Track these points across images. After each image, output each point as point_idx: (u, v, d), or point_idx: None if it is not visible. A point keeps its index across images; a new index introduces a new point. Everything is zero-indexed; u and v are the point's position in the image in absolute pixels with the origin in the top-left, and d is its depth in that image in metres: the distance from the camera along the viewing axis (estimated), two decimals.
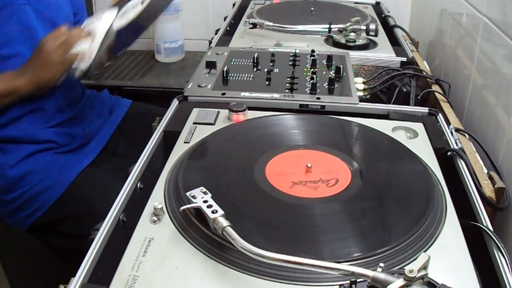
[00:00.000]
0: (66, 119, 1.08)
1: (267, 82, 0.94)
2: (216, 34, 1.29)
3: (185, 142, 0.75)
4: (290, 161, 0.69)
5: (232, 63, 1.03)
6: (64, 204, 0.99)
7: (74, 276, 0.51)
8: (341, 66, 0.97)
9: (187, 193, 0.56)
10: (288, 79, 0.95)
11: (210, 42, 1.23)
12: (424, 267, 0.44)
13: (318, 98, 0.88)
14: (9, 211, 1.02)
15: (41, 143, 1.02)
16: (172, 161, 0.71)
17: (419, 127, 0.81)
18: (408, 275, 0.42)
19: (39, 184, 0.99)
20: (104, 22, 0.91)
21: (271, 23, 1.23)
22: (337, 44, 1.15)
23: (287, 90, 0.91)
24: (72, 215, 0.99)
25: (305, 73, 0.98)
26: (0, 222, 1.11)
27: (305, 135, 0.78)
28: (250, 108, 0.83)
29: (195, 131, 0.78)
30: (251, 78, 0.96)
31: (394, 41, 1.23)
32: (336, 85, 0.93)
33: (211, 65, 0.99)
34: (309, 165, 0.66)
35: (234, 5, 1.54)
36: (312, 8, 1.39)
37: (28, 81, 0.94)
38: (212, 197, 0.55)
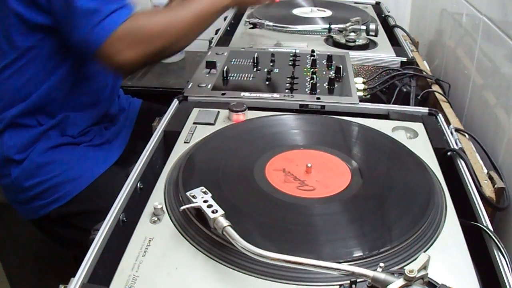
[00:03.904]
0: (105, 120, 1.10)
1: (267, 82, 0.94)
2: (216, 34, 1.29)
3: (185, 142, 0.75)
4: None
5: (232, 63, 1.03)
6: (86, 198, 0.99)
7: (74, 276, 0.51)
8: (341, 66, 0.97)
9: (187, 193, 0.56)
10: (288, 79, 0.95)
11: (210, 42, 1.23)
12: (424, 267, 0.44)
13: (318, 98, 0.88)
14: (24, 198, 1.02)
15: (78, 136, 1.04)
16: (172, 161, 0.71)
17: (419, 127, 0.81)
18: (408, 275, 0.42)
19: (62, 175, 0.99)
20: None
21: (271, 23, 1.23)
22: (337, 44, 1.15)
23: (287, 90, 0.91)
24: (91, 210, 0.98)
25: (305, 73, 0.98)
26: (0, 222, 1.11)
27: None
28: (250, 108, 0.83)
29: (195, 131, 0.78)
30: (251, 78, 0.96)
31: (394, 41, 1.23)
32: (336, 85, 0.93)
33: (211, 65, 0.99)
34: (309, 165, 0.66)
35: None
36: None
37: None
38: (212, 197, 0.55)
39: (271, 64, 1.02)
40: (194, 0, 0.99)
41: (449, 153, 0.76)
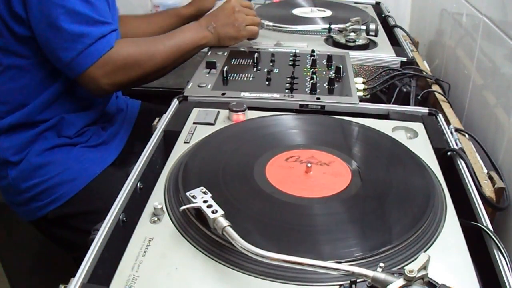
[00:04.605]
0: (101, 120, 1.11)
1: (267, 82, 0.94)
2: None
3: (185, 142, 0.75)
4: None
5: (232, 63, 1.03)
6: (83, 199, 0.99)
7: (74, 276, 0.51)
8: (341, 66, 0.97)
9: (187, 193, 0.56)
10: (288, 79, 0.95)
11: None
12: (424, 267, 0.44)
13: (318, 98, 0.88)
14: (22, 200, 1.02)
15: (75, 137, 1.04)
16: (172, 161, 0.71)
17: (419, 127, 0.81)
18: (408, 275, 0.42)
19: (58, 176, 0.99)
20: None
21: (271, 23, 1.23)
22: (337, 44, 1.15)
23: (287, 90, 0.91)
24: (89, 211, 0.99)
25: (305, 73, 0.98)
26: (0, 222, 1.11)
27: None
28: (250, 108, 0.83)
29: (195, 131, 0.78)
30: (251, 78, 0.96)
31: (394, 41, 1.23)
32: (336, 85, 0.93)
33: (211, 65, 0.99)
34: (309, 165, 0.66)
35: None
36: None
37: (215, 35, 1.08)
38: (212, 197, 0.55)
39: (271, 64, 1.02)
40: (176, 33, 1.05)
41: (449, 153, 0.76)
